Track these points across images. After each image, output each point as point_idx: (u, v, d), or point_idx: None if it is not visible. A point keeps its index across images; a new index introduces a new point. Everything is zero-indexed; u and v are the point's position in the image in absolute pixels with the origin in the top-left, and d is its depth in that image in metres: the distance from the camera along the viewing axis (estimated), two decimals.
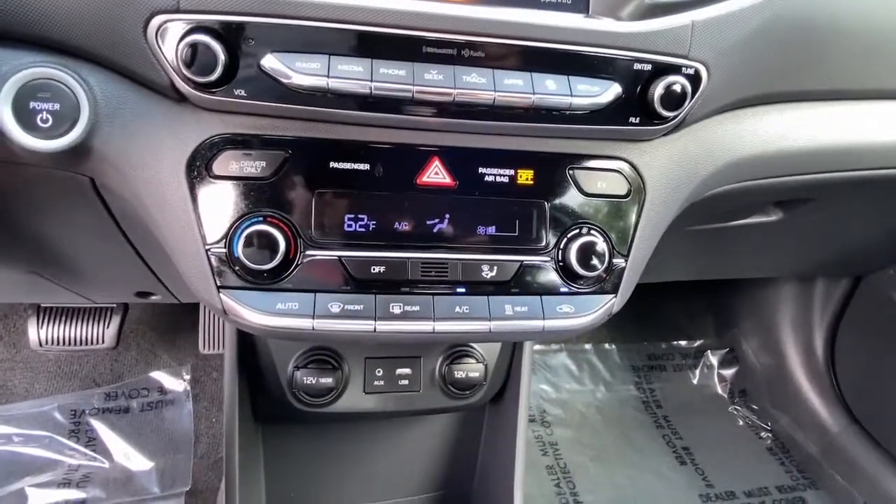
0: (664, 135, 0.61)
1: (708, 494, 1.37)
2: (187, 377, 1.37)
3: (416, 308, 0.55)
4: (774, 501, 1.38)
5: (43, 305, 1.19)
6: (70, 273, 0.80)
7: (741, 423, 1.60)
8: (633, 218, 0.60)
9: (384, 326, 0.54)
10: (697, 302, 1.78)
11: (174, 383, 1.37)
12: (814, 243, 1.10)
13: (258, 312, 0.53)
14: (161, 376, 1.37)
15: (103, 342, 1.21)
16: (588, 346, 1.70)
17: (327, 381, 0.75)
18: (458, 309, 0.56)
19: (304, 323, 0.53)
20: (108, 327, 1.20)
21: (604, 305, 0.61)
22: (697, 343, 1.74)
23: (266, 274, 0.53)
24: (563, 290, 0.59)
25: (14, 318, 1.34)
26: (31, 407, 1.27)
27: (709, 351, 1.72)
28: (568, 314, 0.59)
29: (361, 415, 0.81)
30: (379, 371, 0.79)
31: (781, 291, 1.54)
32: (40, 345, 1.18)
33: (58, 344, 1.19)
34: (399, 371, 0.80)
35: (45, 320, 1.18)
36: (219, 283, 0.53)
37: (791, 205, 0.88)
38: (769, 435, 1.56)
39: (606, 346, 1.70)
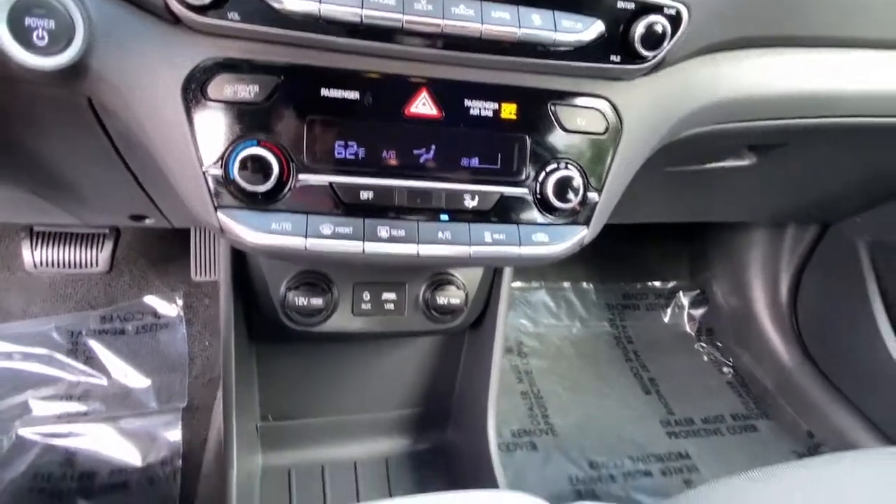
0: (643, 75, 0.63)
1: (668, 420, 1.49)
2: (180, 302, 1.42)
3: (402, 232, 0.59)
4: (728, 427, 1.50)
5: (36, 229, 1.21)
6: (66, 193, 0.82)
7: (706, 359, 1.70)
8: (609, 155, 0.64)
9: (372, 248, 0.58)
10: (674, 246, 1.84)
11: (167, 308, 1.42)
12: (785, 189, 1.15)
13: (254, 231, 0.57)
14: (154, 301, 1.42)
15: (97, 265, 1.24)
16: (567, 285, 1.77)
17: (317, 302, 0.80)
18: (440, 235, 0.60)
19: (297, 242, 0.57)
20: (101, 251, 1.23)
21: (576, 236, 0.65)
22: (671, 284, 1.83)
23: (261, 196, 0.56)
24: (539, 220, 0.63)
25: (7, 242, 1.36)
26: (29, 326, 1.31)
27: (681, 292, 1.81)
28: (542, 243, 0.63)
29: (349, 335, 0.87)
30: (366, 295, 0.84)
31: (753, 237, 1.61)
32: (35, 266, 1.21)
33: (52, 266, 1.22)
34: (385, 296, 0.85)
35: (39, 243, 1.20)
36: (216, 203, 0.56)
37: (764, 149, 0.92)
38: (730, 370, 1.67)
39: (584, 284, 1.78)
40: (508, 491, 0.56)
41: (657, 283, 1.83)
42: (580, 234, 0.65)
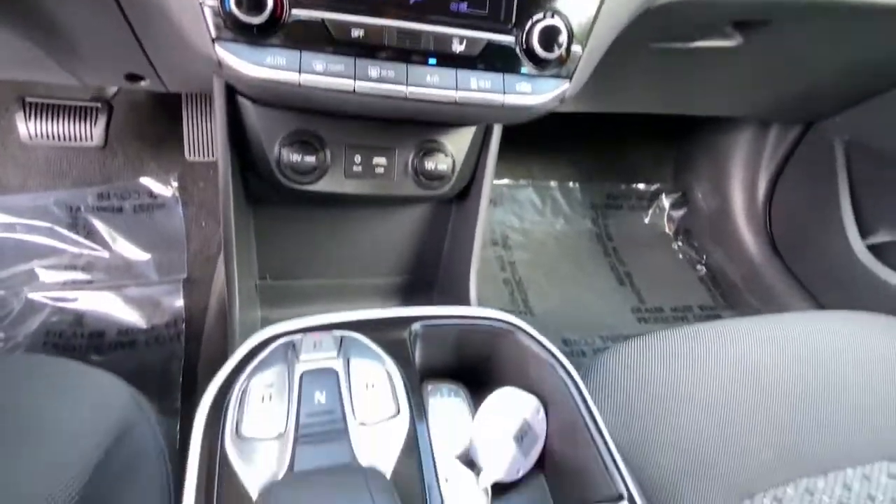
0: None
1: (639, 307, 1.59)
2: (175, 184, 1.45)
3: (391, 73, 0.63)
4: (695, 316, 1.61)
5: (28, 100, 1.22)
6: (63, 44, 0.83)
7: (681, 256, 1.79)
8: (593, 7, 0.66)
9: (362, 86, 0.62)
10: (660, 148, 1.88)
11: (163, 189, 1.45)
12: (768, 79, 1.18)
13: (250, 64, 0.60)
14: (149, 182, 1.45)
15: (91, 140, 1.26)
16: (553, 184, 1.82)
17: (311, 159, 0.84)
18: (428, 78, 0.64)
19: (291, 76, 0.60)
20: (94, 125, 1.24)
21: (559, 89, 0.69)
22: (654, 187, 1.88)
23: (256, 29, 0.58)
24: (524, 70, 0.67)
25: None
26: (28, 200, 1.35)
27: (663, 194, 1.86)
28: (526, 93, 0.67)
29: (341, 197, 0.91)
30: (357, 158, 0.88)
31: (737, 137, 1.64)
32: (30, 138, 1.22)
33: (46, 138, 1.23)
34: (376, 160, 0.89)
35: (32, 114, 1.21)
36: (213, 35, 0.59)
37: (749, 27, 0.94)
38: (703, 268, 1.76)
39: (570, 184, 1.83)
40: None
41: (641, 185, 1.88)
42: (562, 87, 0.69)
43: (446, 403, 0.61)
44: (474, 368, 0.66)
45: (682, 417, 0.71)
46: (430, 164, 0.90)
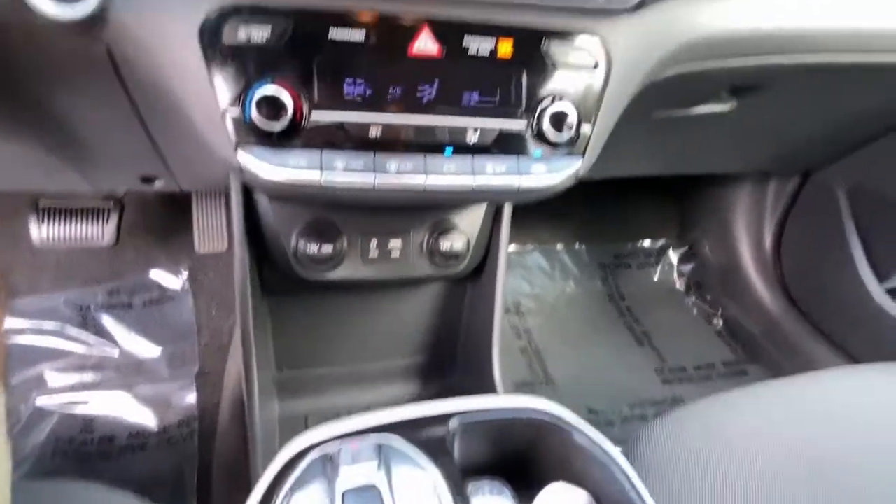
0: (629, 13, 0.67)
1: (662, 368, 1.55)
2: (185, 274, 1.45)
3: (410, 165, 0.64)
4: (719, 374, 1.57)
5: (41, 204, 1.23)
6: (78, 151, 0.85)
7: (695, 311, 1.77)
8: (599, 88, 0.68)
9: (382, 180, 0.63)
10: (662, 205, 1.90)
11: (173, 281, 1.45)
12: (765, 135, 1.21)
13: (271, 167, 0.61)
14: (159, 274, 1.45)
15: (103, 239, 1.27)
16: (560, 247, 1.82)
17: (328, 249, 0.84)
18: (445, 167, 0.65)
19: (313, 176, 0.61)
20: (106, 224, 1.26)
21: (572, 168, 0.70)
22: (660, 243, 1.89)
23: (276, 134, 0.60)
24: (537, 153, 0.68)
25: (12, 220, 1.37)
26: (38, 302, 1.34)
27: (670, 250, 1.87)
28: (540, 173, 0.68)
29: (359, 283, 0.91)
30: (374, 243, 0.88)
31: (737, 192, 1.66)
32: (42, 242, 1.23)
33: (58, 240, 1.24)
34: (391, 244, 0.90)
35: (45, 218, 1.23)
36: (234, 142, 0.60)
37: (744, 92, 0.97)
38: (720, 321, 1.74)
39: (577, 246, 1.83)
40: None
41: (647, 243, 1.88)
42: (576, 165, 0.70)
43: (491, 503, 0.57)
44: (515, 459, 0.63)
45: (736, 499, 0.67)
46: (445, 245, 0.90)
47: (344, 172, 0.62)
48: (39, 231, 1.23)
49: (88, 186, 0.99)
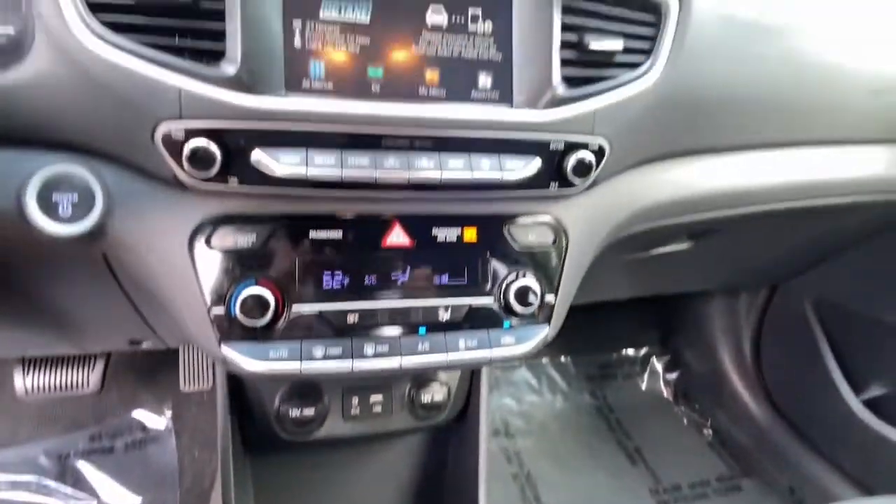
0: (580, 194, 0.75)
1: (657, 489, 1.52)
2: (169, 413, 1.43)
3: (386, 348, 0.67)
4: (714, 490, 1.54)
5: (27, 356, 1.25)
6: (68, 327, 0.88)
7: (685, 421, 1.76)
8: (559, 262, 0.74)
9: (359, 365, 0.66)
10: (643, 316, 1.94)
11: (156, 421, 1.43)
12: (726, 263, 1.28)
13: (253, 360, 0.64)
14: (143, 415, 1.43)
15: (87, 387, 1.27)
16: (545, 361, 1.84)
17: (310, 412, 0.86)
18: (420, 346, 0.68)
19: (293, 366, 0.64)
20: (92, 372, 1.26)
21: (539, 336, 0.74)
22: (643, 351, 1.91)
23: (259, 329, 0.64)
24: (505, 325, 0.72)
25: None
26: (16, 455, 1.31)
27: (654, 358, 1.89)
28: (510, 344, 0.72)
29: (341, 440, 0.91)
30: (355, 400, 0.90)
31: (713, 304, 1.72)
32: (27, 393, 1.23)
33: (43, 391, 1.24)
34: (373, 399, 0.91)
35: (31, 369, 1.24)
36: (218, 338, 0.64)
37: (701, 236, 1.04)
38: (709, 431, 1.73)
39: (562, 358, 1.85)
40: None
41: (630, 351, 1.91)
42: (543, 334, 0.74)
43: None
44: None
45: None
46: (426, 397, 0.92)
47: (322, 361, 0.65)
48: (24, 381, 1.23)
49: (77, 350, 1.01)
